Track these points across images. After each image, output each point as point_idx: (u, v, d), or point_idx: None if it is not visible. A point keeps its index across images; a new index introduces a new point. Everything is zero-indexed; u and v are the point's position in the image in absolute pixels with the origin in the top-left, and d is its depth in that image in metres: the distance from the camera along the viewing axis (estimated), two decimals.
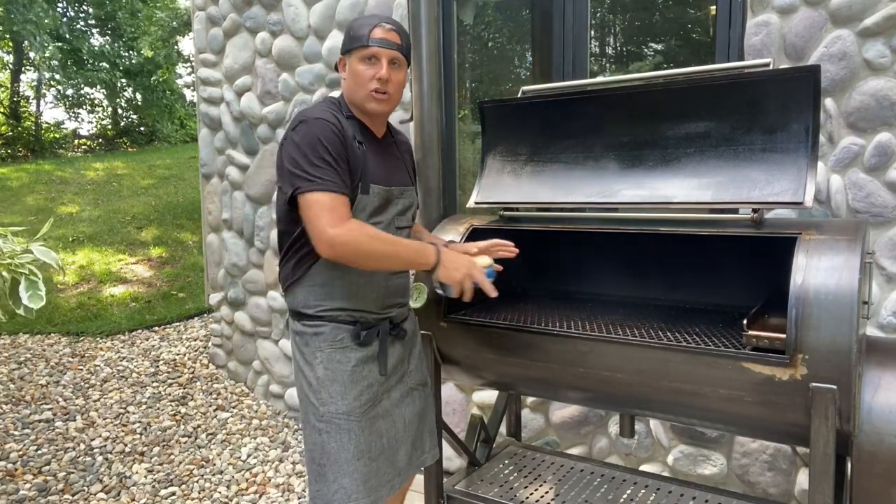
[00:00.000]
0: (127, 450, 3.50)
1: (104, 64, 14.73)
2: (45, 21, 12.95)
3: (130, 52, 15.14)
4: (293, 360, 1.89)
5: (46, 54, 13.83)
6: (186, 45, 15.29)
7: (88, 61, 14.61)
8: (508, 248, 1.94)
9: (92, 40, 15.31)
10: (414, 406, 1.96)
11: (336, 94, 1.94)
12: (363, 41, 1.77)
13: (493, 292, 1.80)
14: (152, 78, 15.07)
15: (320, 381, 1.78)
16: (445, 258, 1.78)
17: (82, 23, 15.23)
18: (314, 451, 1.80)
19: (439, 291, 1.85)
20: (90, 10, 15.27)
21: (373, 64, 1.78)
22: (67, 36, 14.01)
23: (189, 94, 16.66)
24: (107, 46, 15.21)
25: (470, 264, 1.79)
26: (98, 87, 15.28)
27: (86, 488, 3.16)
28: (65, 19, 14.25)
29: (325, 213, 1.63)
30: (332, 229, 1.62)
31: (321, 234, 1.63)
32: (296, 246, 1.80)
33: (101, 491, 3.14)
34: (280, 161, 1.75)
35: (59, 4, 14.28)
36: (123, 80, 15.29)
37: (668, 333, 1.83)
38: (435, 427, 2.08)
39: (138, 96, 15.67)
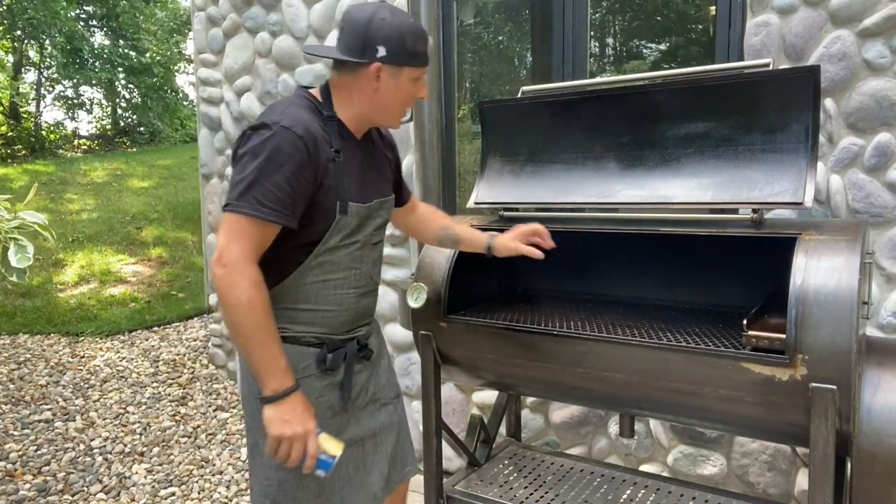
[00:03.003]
0: (127, 450, 3.50)
1: (104, 65, 14.74)
2: (60, 20, 13.00)
3: (132, 52, 15.14)
4: (242, 381, 1.70)
5: (46, 52, 13.86)
6: (188, 45, 15.28)
7: (89, 60, 14.62)
8: (544, 241, 1.87)
9: (93, 39, 15.31)
10: (391, 422, 1.82)
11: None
12: (421, 60, 1.58)
13: (306, 470, 1.51)
14: (153, 80, 15.09)
15: None
16: (287, 404, 1.46)
17: (83, 22, 15.22)
18: (268, 486, 1.62)
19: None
20: (91, 10, 15.26)
21: (417, 84, 1.61)
22: (70, 34, 14.02)
23: (191, 94, 16.68)
24: (107, 42, 15.21)
25: (304, 433, 1.47)
26: (98, 86, 15.29)
27: (85, 488, 3.16)
28: (70, 15, 14.26)
29: (238, 236, 1.43)
30: (231, 256, 1.42)
31: (220, 251, 1.43)
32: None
33: (100, 491, 3.14)
34: (232, 161, 1.54)
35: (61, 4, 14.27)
36: (124, 81, 15.29)
37: (668, 333, 1.83)
38: (411, 439, 1.96)
39: (137, 95, 15.67)
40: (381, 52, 1.52)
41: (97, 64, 14.69)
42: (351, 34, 1.54)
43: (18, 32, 13.39)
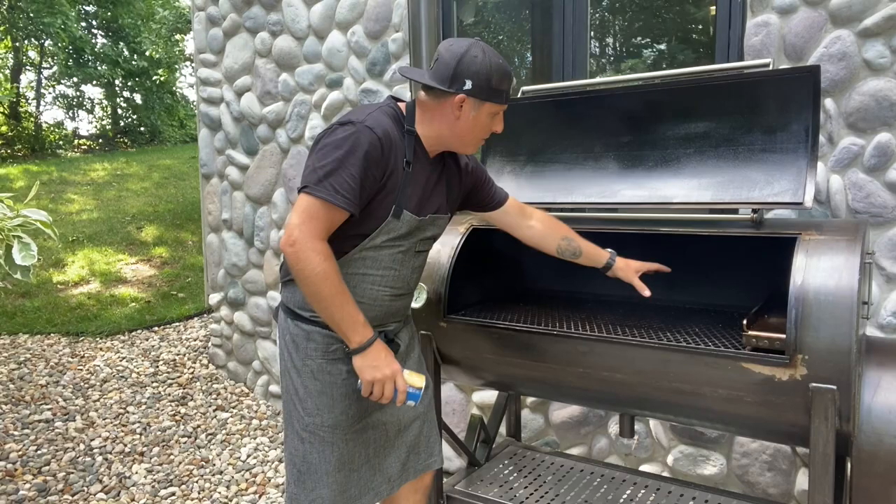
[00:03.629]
0: (127, 450, 3.50)
1: (104, 66, 14.74)
2: (66, 22, 13.04)
3: (133, 54, 15.14)
4: (280, 357, 1.83)
5: (47, 52, 13.87)
6: (189, 44, 15.27)
7: (90, 61, 14.63)
8: (661, 268, 1.99)
9: (94, 41, 15.31)
10: (416, 411, 1.90)
11: (397, 89, 1.79)
12: (504, 98, 1.70)
13: (399, 404, 1.68)
14: (153, 78, 15.09)
15: (308, 390, 1.74)
16: (372, 351, 1.63)
17: (84, 23, 15.23)
18: (295, 456, 1.77)
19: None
20: (94, 10, 15.26)
21: (495, 119, 1.73)
22: (76, 36, 14.03)
23: (191, 95, 16.67)
24: (108, 44, 15.22)
25: (392, 374, 1.64)
26: (98, 86, 15.29)
27: (85, 488, 3.16)
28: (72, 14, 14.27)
29: (310, 218, 1.56)
30: (301, 234, 1.55)
31: (290, 230, 1.56)
32: None
33: (100, 491, 3.14)
34: (313, 149, 1.66)
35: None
36: (125, 81, 15.30)
37: (668, 333, 1.83)
38: (438, 431, 2.03)
39: (137, 97, 15.68)
40: (468, 85, 1.64)
41: (98, 64, 14.70)
42: (444, 64, 1.66)
43: (19, 33, 13.38)
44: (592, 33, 2.95)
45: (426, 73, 1.71)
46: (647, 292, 1.94)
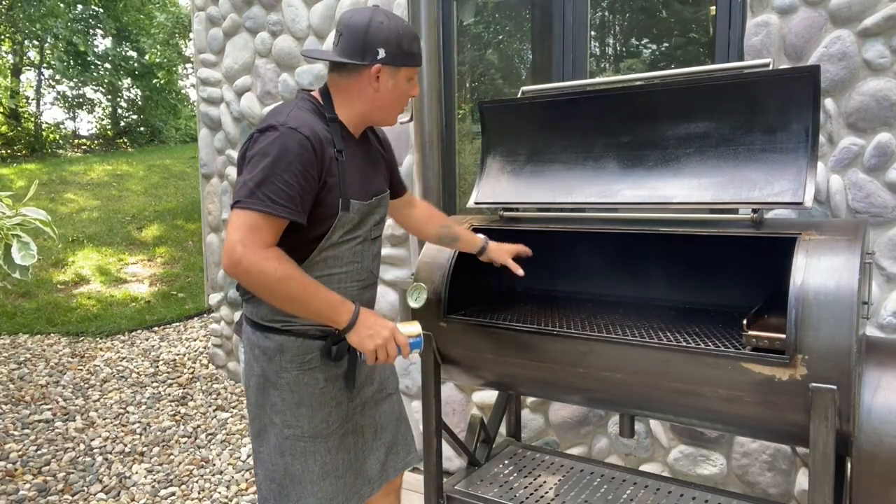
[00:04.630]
0: (127, 450, 3.50)
1: (107, 65, 14.74)
2: (58, 21, 13.04)
3: (135, 54, 15.14)
4: (247, 372, 1.76)
5: (47, 53, 13.86)
6: (189, 46, 15.26)
7: (93, 62, 14.64)
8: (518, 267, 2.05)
9: (96, 41, 15.32)
10: (392, 411, 1.90)
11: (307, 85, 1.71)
12: (417, 60, 1.68)
13: (405, 357, 1.67)
14: (153, 81, 15.09)
15: (286, 402, 1.69)
16: (361, 322, 1.59)
17: (84, 23, 15.22)
18: (274, 471, 1.72)
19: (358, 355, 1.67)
20: (97, 10, 15.27)
21: (411, 83, 1.71)
22: (75, 39, 14.02)
23: (192, 95, 16.67)
24: (109, 47, 15.22)
25: (390, 334, 1.61)
26: (101, 88, 15.29)
27: (85, 488, 3.16)
28: (71, 15, 14.27)
29: (250, 231, 1.47)
30: (244, 249, 1.46)
31: (231, 249, 1.46)
32: None
33: (100, 491, 3.14)
34: (240, 163, 1.59)
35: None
36: (128, 81, 15.30)
37: (668, 334, 1.83)
38: (411, 429, 2.03)
39: (140, 98, 15.68)
40: (381, 54, 1.61)
41: (101, 66, 14.70)
42: (351, 38, 1.61)
43: (18, 36, 13.38)
44: (592, 33, 2.95)
45: (332, 51, 1.66)
46: (520, 272, 2.02)
